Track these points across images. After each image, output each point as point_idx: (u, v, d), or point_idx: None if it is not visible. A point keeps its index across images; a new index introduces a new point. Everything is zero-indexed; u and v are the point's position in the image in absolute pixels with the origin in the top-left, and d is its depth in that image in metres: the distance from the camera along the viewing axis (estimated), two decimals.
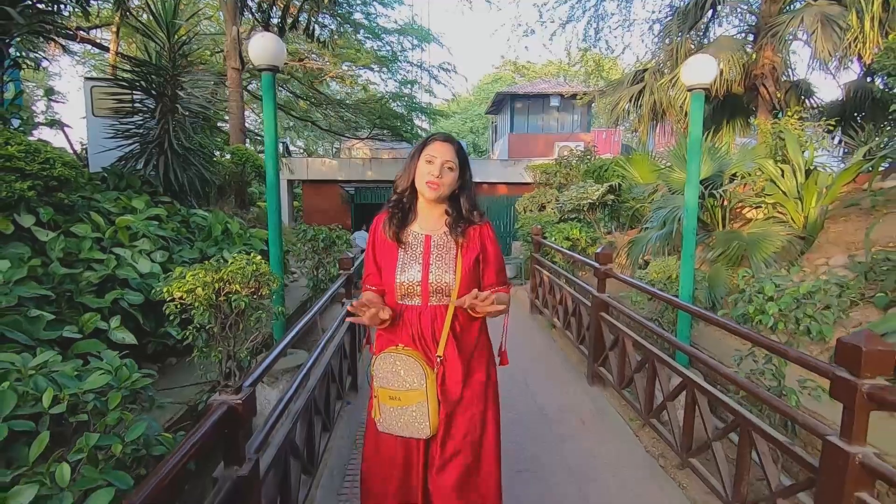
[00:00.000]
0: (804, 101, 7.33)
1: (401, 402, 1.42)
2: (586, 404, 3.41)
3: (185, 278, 2.44)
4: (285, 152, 16.22)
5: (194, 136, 4.95)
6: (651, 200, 5.78)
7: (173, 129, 4.59)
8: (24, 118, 4.20)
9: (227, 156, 7.00)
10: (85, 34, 9.74)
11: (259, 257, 2.77)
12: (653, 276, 3.78)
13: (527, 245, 7.10)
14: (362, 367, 3.72)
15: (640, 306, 3.81)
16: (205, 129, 5.50)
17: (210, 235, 4.48)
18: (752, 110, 7.68)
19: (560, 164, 10.33)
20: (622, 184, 6.90)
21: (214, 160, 5.84)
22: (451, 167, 1.49)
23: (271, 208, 3.47)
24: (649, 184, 6.01)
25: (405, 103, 15.55)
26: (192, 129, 4.95)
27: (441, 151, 1.48)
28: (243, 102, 9.19)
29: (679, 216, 4.40)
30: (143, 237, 3.51)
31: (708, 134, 7.17)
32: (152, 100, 4.70)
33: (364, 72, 14.88)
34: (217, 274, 2.49)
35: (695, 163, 3.25)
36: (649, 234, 5.06)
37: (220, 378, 2.77)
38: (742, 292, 2.46)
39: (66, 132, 5.22)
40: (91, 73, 15.25)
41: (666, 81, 7.45)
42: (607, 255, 3.64)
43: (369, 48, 13.83)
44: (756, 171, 4.77)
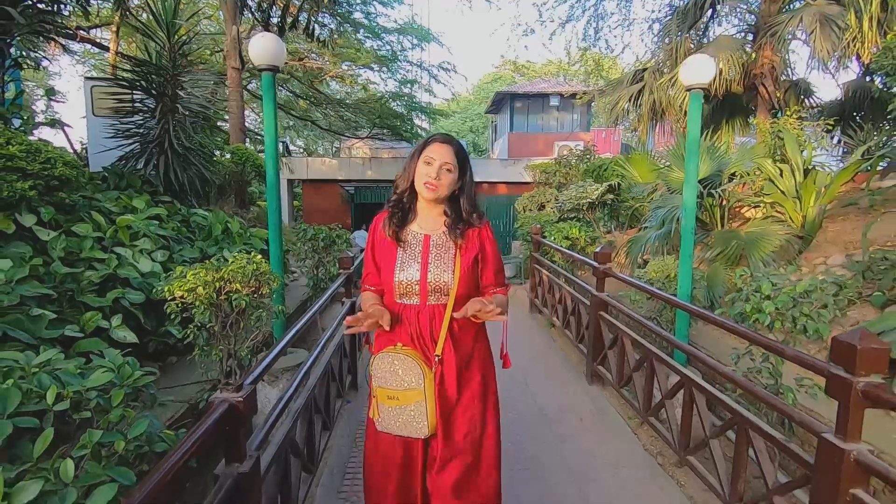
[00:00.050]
0: (803, 100, 7.32)
1: (399, 402, 1.42)
2: (585, 403, 3.43)
3: (185, 277, 2.45)
4: (285, 152, 16.23)
5: (194, 135, 4.97)
6: (650, 200, 5.79)
7: (173, 129, 4.60)
8: (24, 118, 4.21)
9: (227, 155, 7.01)
10: (85, 33, 9.75)
11: (259, 256, 2.79)
12: (651, 276, 3.79)
13: (526, 244, 7.12)
14: (362, 365, 3.73)
15: (639, 305, 3.83)
16: (205, 129, 5.51)
17: (210, 235, 4.49)
18: (752, 110, 7.68)
19: (559, 163, 10.32)
20: (621, 183, 6.91)
21: (214, 160, 5.86)
22: (449, 169, 1.48)
23: (271, 208, 3.48)
24: (648, 183, 6.03)
25: (405, 103, 15.57)
26: (193, 128, 4.96)
27: (439, 153, 1.48)
28: (243, 102, 9.20)
29: (678, 215, 4.41)
30: (144, 236, 3.52)
31: (707, 133, 7.17)
32: (152, 99, 4.71)
33: (364, 71, 14.91)
34: (218, 273, 2.50)
35: (693, 162, 3.26)
36: (648, 233, 5.08)
37: (220, 376, 2.79)
38: (739, 291, 2.47)
39: (66, 132, 5.23)
40: (91, 72, 15.25)
41: (665, 81, 7.46)
42: (606, 254, 3.65)
43: (369, 47, 13.83)
44: (755, 170, 4.78)
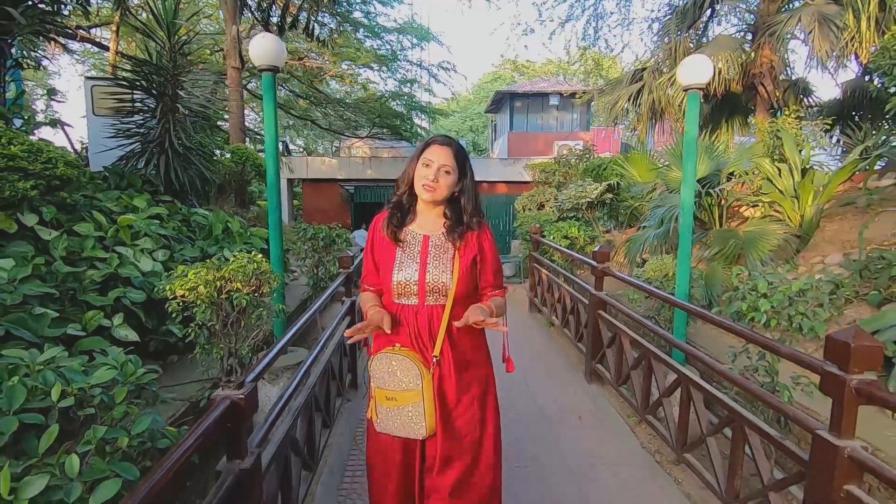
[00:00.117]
0: (802, 99, 7.33)
1: (397, 403, 1.42)
2: (584, 402, 3.45)
3: (187, 276, 2.47)
4: (285, 151, 16.25)
5: (195, 135, 4.98)
6: (649, 199, 5.81)
7: (174, 129, 4.61)
8: (26, 118, 4.22)
9: (227, 155, 7.02)
10: (85, 33, 9.76)
11: (260, 256, 2.80)
12: (650, 275, 3.81)
13: (525, 244, 7.14)
14: (362, 364, 3.75)
15: (638, 304, 3.85)
16: (205, 129, 5.51)
17: (211, 234, 4.51)
18: (751, 109, 7.69)
19: (559, 162, 10.33)
20: (621, 182, 6.92)
21: (215, 159, 5.87)
22: (448, 171, 1.48)
23: (272, 207, 3.49)
24: (647, 182, 6.04)
25: (405, 102, 15.57)
26: (193, 128, 4.97)
27: (438, 155, 1.47)
28: (243, 101, 9.21)
29: (676, 215, 4.43)
30: (145, 236, 3.54)
31: (706, 133, 7.18)
32: (153, 99, 4.72)
33: (364, 70, 14.93)
34: (219, 272, 2.52)
35: (691, 162, 3.28)
36: (647, 232, 5.09)
37: (221, 375, 2.80)
38: (736, 290, 2.49)
39: (66, 131, 5.24)
40: (90, 71, 15.27)
41: (664, 80, 7.47)
42: (605, 253, 3.67)
43: (369, 47, 13.84)
44: (753, 169, 4.80)
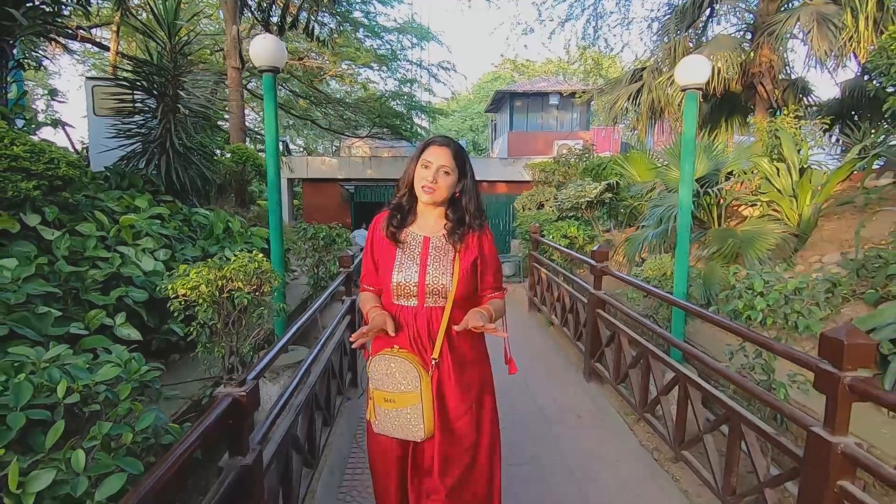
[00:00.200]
0: (802, 99, 7.34)
1: (395, 405, 1.42)
2: (583, 400, 3.47)
3: (189, 275, 2.49)
4: (285, 151, 16.26)
5: (195, 135, 5.00)
6: (648, 198, 5.83)
7: (175, 129, 4.64)
8: (27, 118, 4.24)
9: (228, 155, 7.04)
10: (85, 33, 9.77)
11: (261, 255, 2.83)
12: (648, 274, 3.83)
13: (525, 243, 7.16)
14: (362, 363, 3.76)
15: (636, 303, 3.87)
16: (206, 129, 5.54)
17: (212, 234, 4.53)
18: (750, 108, 7.70)
19: (558, 162, 10.35)
20: (620, 182, 6.94)
21: (215, 159, 5.89)
22: (447, 171, 1.47)
23: (272, 207, 3.51)
24: (647, 182, 6.05)
25: (405, 102, 15.60)
26: (194, 128, 4.99)
27: (437, 156, 1.47)
28: (243, 101, 9.23)
29: (675, 214, 4.45)
30: (147, 236, 3.56)
31: (705, 132, 7.19)
32: (153, 99, 4.74)
33: (363, 70, 14.95)
34: (220, 271, 2.54)
35: (689, 161, 3.30)
36: (646, 231, 5.11)
37: (223, 373, 2.83)
38: (733, 288, 2.51)
39: (67, 132, 5.26)
40: (91, 71, 15.29)
41: (664, 80, 7.49)
42: (603, 252, 3.69)
43: (369, 47, 13.86)
44: (752, 169, 4.82)
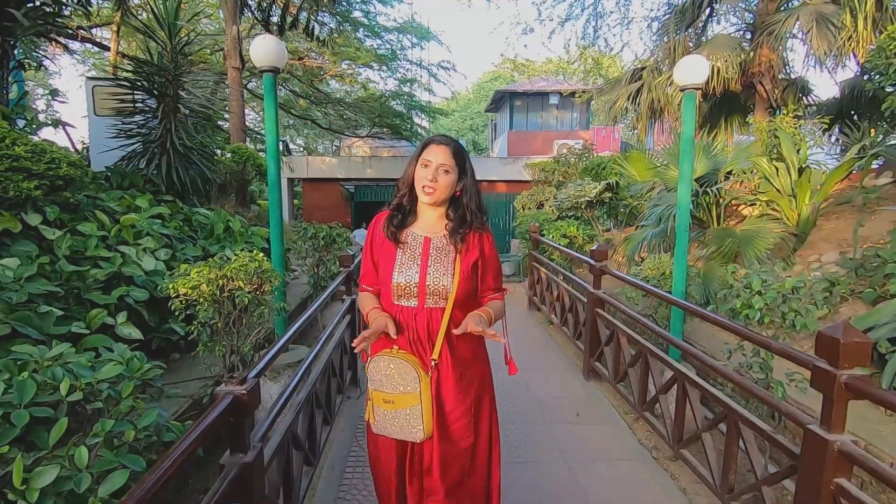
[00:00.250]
0: (801, 98, 7.35)
1: (395, 406, 1.42)
2: (583, 399, 3.48)
3: (190, 275, 2.50)
4: (285, 150, 16.27)
5: (196, 135, 5.01)
6: (648, 198, 5.84)
7: (175, 129, 4.65)
8: (29, 118, 4.25)
9: (228, 154, 7.05)
10: (86, 33, 9.79)
11: (261, 255, 2.84)
12: (647, 273, 3.84)
13: (525, 242, 7.17)
14: (362, 363, 3.77)
15: (635, 302, 3.88)
16: (206, 128, 5.55)
17: (212, 233, 4.54)
18: (750, 108, 7.71)
19: (558, 161, 10.36)
20: (620, 181, 6.95)
21: (216, 159, 5.90)
22: (447, 170, 1.46)
23: (273, 206, 3.52)
24: (646, 181, 6.06)
25: (405, 101, 15.61)
26: (194, 128, 5.01)
27: (436, 154, 1.46)
28: (243, 101, 9.24)
29: (674, 214, 4.46)
30: (148, 235, 3.57)
31: (705, 132, 7.20)
32: (154, 100, 4.75)
33: (363, 70, 14.96)
34: (221, 271, 2.55)
35: (687, 161, 3.31)
36: (645, 231, 5.12)
37: (223, 372, 2.84)
38: (731, 287, 2.52)
39: (67, 132, 5.27)
40: (91, 71, 15.31)
41: (664, 79, 7.50)
42: (603, 252, 3.70)
43: (369, 46, 13.87)
44: (751, 168, 4.82)
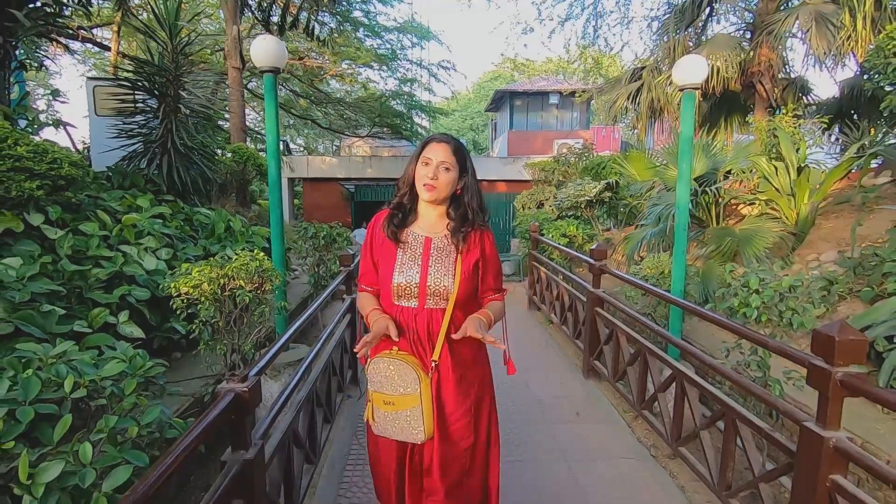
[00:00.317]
0: (801, 98, 7.35)
1: (395, 407, 1.42)
2: (582, 397, 3.50)
3: (191, 274, 2.52)
4: (286, 150, 16.29)
5: (196, 135, 5.02)
6: (647, 197, 5.85)
7: (176, 129, 4.66)
8: (30, 119, 4.26)
9: (229, 154, 7.07)
10: (86, 33, 9.80)
11: (262, 254, 2.85)
12: (646, 272, 3.86)
13: (525, 242, 7.19)
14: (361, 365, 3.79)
15: (634, 301, 3.89)
16: (206, 128, 5.56)
17: (213, 233, 4.56)
18: (750, 107, 7.71)
19: (558, 161, 10.38)
20: (619, 181, 6.96)
21: (216, 159, 5.91)
22: (447, 168, 1.46)
23: (273, 206, 3.53)
24: (646, 181, 6.07)
25: (405, 101, 15.62)
26: (195, 128, 5.02)
27: (436, 152, 1.46)
28: (244, 101, 9.25)
29: (673, 213, 4.47)
30: (149, 235, 3.59)
31: (704, 131, 7.21)
32: (155, 100, 4.77)
33: (364, 70, 14.96)
34: (222, 270, 2.57)
35: (686, 161, 3.33)
36: (645, 230, 5.14)
37: (224, 371, 2.86)
38: (728, 286, 2.54)
39: (68, 132, 5.29)
40: (91, 71, 15.33)
41: (663, 79, 7.51)
42: (602, 251, 3.72)
43: (369, 46, 13.88)
44: (750, 168, 4.84)
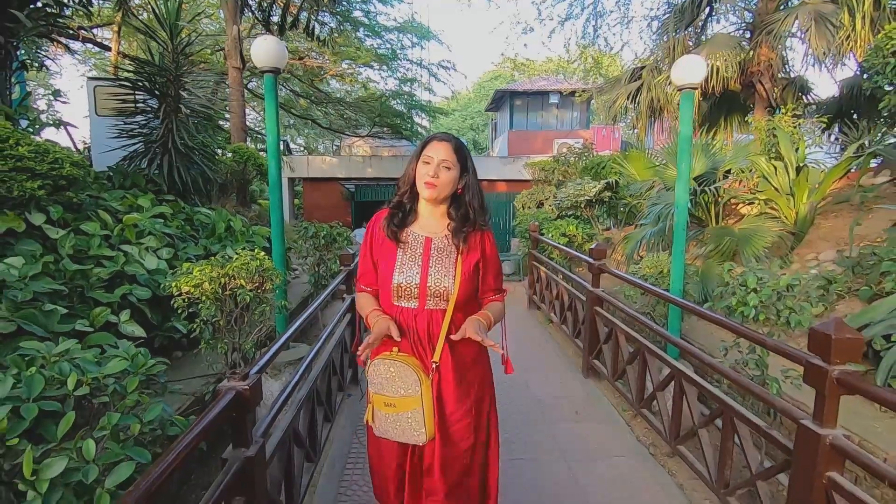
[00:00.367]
0: (801, 97, 7.36)
1: (396, 409, 1.41)
2: (582, 396, 3.51)
3: (192, 273, 2.53)
4: (286, 150, 16.30)
5: (197, 135, 5.03)
6: (647, 197, 5.86)
7: (176, 129, 4.67)
8: (31, 119, 4.28)
9: (229, 154, 7.08)
10: (87, 33, 9.82)
11: (263, 253, 2.87)
12: (645, 271, 3.87)
13: (525, 241, 7.20)
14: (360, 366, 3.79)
15: (633, 300, 3.91)
16: (207, 128, 5.57)
17: (214, 233, 4.57)
18: (750, 107, 7.72)
19: (558, 161, 10.40)
20: (619, 180, 6.97)
21: (217, 159, 5.93)
22: (448, 166, 1.45)
23: (274, 206, 3.54)
24: (645, 181, 6.08)
25: (405, 101, 15.63)
26: (195, 128, 5.03)
27: (437, 151, 1.45)
28: (244, 101, 9.26)
29: (672, 212, 4.48)
30: (150, 234, 3.60)
31: (704, 130, 7.22)
32: (155, 100, 4.78)
33: (364, 70, 14.97)
34: (223, 269, 2.58)
35: (685, 161, 3.33)
36: (644, 230, 5.15)
37: (225, 370, 2.87)
38: (727, 285, 2.55)
39: (69, 132, 5.30)
40: (92, 71, 15.34)
41: (663, 79, 7.52)
42: (601, 250, 3.73)
43: (369, 46, 13.89)
44: (750, 167, 4.84)
